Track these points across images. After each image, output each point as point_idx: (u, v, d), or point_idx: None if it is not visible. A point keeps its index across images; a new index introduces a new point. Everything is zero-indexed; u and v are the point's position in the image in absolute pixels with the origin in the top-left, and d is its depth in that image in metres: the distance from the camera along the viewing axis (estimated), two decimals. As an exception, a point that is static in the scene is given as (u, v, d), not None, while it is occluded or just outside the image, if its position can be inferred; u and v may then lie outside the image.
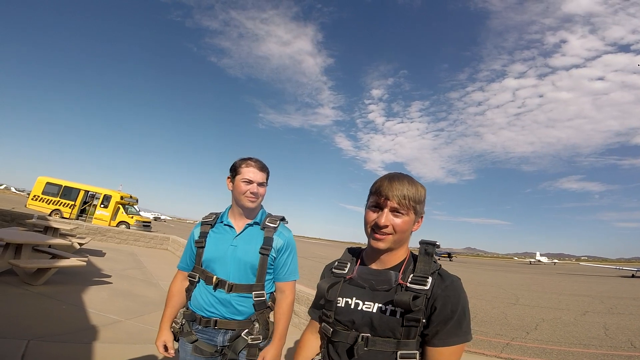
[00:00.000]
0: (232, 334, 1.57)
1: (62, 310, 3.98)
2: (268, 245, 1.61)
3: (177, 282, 1.74)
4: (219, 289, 1.57)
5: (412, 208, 1.04)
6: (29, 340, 2.88)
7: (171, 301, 1.72)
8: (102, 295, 4.87)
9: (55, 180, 21.67)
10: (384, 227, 1.03)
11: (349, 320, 1.08)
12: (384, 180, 1.07)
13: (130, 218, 21.08)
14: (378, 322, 1.02)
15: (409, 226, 1.06)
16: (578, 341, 6.39)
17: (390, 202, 1.03)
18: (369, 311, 1.05)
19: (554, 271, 44.06)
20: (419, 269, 1.04)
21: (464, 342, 0.99)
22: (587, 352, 5.65)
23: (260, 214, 1.71)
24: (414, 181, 1.07)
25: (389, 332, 1.01)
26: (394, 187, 1.03)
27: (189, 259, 1.72)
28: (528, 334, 6.86)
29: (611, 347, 6.03)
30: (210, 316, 1.57)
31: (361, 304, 1.07)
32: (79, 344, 3.08)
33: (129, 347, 3.25)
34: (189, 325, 1.63)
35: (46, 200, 20.93)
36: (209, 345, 1.59)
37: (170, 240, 13.01)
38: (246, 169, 1.62)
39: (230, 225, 1.66)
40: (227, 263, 1.59)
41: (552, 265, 72.56)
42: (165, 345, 1.65)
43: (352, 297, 1.10)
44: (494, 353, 5.27)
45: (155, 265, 8.77)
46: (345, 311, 1.09)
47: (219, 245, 1.63)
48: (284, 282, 1.67)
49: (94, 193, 22.15)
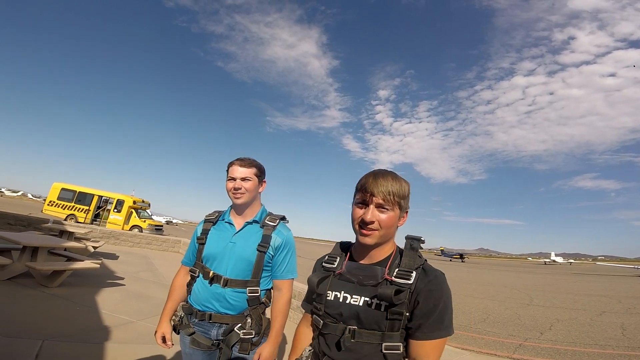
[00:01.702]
0: (226, 328, 1.62)
1: (76, 311, 4.08)
2: (266, 243, 1.65)
3: (179, 277, 1.82)
4: (214, 284, 1.62)
5: (397, 203, 1.08)
6: (43, 340, 2.96)
7: (172, 295, 1.79)
8: (115, 297, 4.97)
9: (69, 186, 22.23)
10: (370, 223, 1.07)
11: (337, 313, 1.12)
12: (369, 177, 1.10)
13: (143, 222, 21.44)
14: (364, 315, 1.06)
15: (394, 221, 1.09)
16: (594, 342, 6.23)
17: (375, 199, 1.07)
18: (356, 304, 1.08)
19: (569, 271, 43.04)
20: (404, 263, 1.07)
21: (446, 336, 1.03)
22: (603, 353, 5.51)
23: (260, 212, 1.75)
24: (398, 177, 1.11)
25: (375, 324, 1.05)
26: (379, 184, 1.07)
27: (192, 254, 1.78)
28: (542, 334, 6.72)
29: (629, 347, 5.87)
30: (205, 310, 1.63)
31: (349, 297, 1.11)
32: (91, 344, 3.15)
33: (140, 347, 3.31)
34: (187, 319, 1.69)
35: (61, 205, 21.47)
36: (205, 339, 1.64)
37: (181, 243, 13.20)
38: (231, 168, 1.71)
39: (230, 223, 1.72)
40: (225, 259, 1.64)
41: (568, 266, 70.90)
42: (163, 337, 1.71)
43: (341, 290, 1.13)
44: (506, 354, 5.19)
45: (167, 267, 8.90)
46: (334, 304, 1.13)
47: (219, 241, 1.68)
48: (281, 279, 1.71)
49: (107, 198, 22.61)
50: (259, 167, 1.74)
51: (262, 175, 1.77)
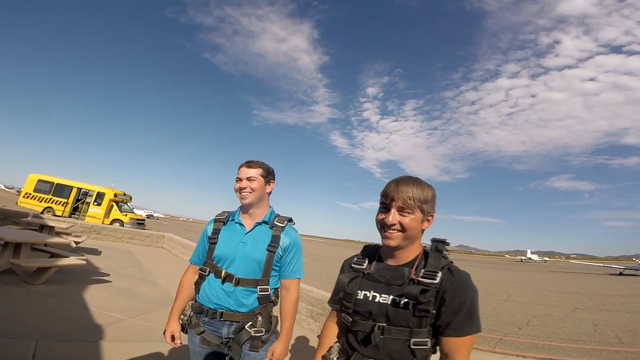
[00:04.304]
0: (237, 326, 1.65)
1: (65, 309, 4.00)
2: (275, 243, 1.70)
3: (188, 275, 1.84)
4: (227, 283, 1.66)
5: (419, 207, 1.15)
6: (37, 340, 2.90)
7: (181, 293, 1.81)
8: (103, 294, 4.88)
9: (47, 177, 21.37)
10: (391, 226, 1.15)
11: (366, 311, 1.19)
12: (391, 183, 1.19)
13: (124, 216, 20.84)
14: (392, 313, 1.14)
15: (416, 224, 1.16)
16: (568, 337, 6.60)
17: (395, 203, 1.15)
18: (385, 303, 1.16)
19: (544, 269, 44.83)
20: (430, 264, 1.15)
21: (476, 332, 1.10)
22: (577, 348, 5.85)
23: (269, 213, 1.80)
24: (421, 183, 1.19)
25: (403, 322, 1.13)
26: (400, 189, 1.15)
27: (201, 253, 1.81)
28: (520, 329, 7.05)
29: (600, 342, 6.24)
30: (217, 308, 1.66)
31: (378, 296, 1.19)
32: (86, 343, 3.11)
33: (136, 345, 3.29)
34: (197, 318, 1.71)
35: (38, 197, 20.65)
36: (215, 337, 1.67)
37: (165, 239, 12.93)
38: (239, 170, 1.76)
39: (240, 224, 1.76)
40: (237, 258, 1.68)
41: (543, 263, 73.80)
42: (172, 335, 1.73)
43: (370, 290, 1.21)
44: (488, 348, 5.43)
45: (153, 263, 8.76)
46: (363, 303, 1.21)
47: (230, 241, 1.72)
48: (289, 279, 1.76)
49: (87, 190, 21.89)
50: (265, 168, 1.78)
51: (270, 176, 1.80)
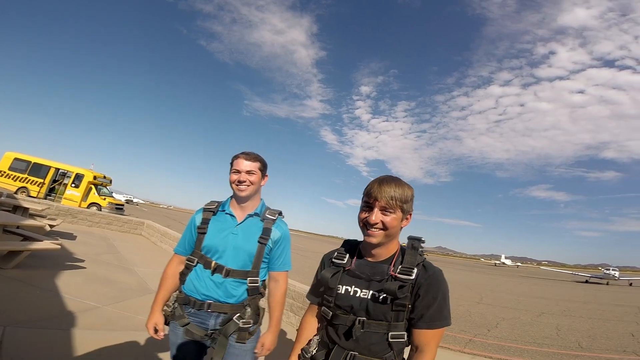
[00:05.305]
0: (224, 318, 1.66)
1: (37, 295, 3.89)
2: (266, 236, 1.72)
3: (172, 266, 1.80)
4: (216, 274, 1.65)
5: (399, 207, 1.21)
6: (4, 327, 2.81)
7: (165, 284, 1.78)
8: (76, 281, 4.76)
9: (24, 156, 20.44)
10: (374, 224, 1.21)
11: (348, 305, 1.25)
12: (374, 183, 1.25)
13: (103, 200, 20.22)
14: (372, 308, 1.21)
15: (397, 222, 1.23)
16: (533, 340, 6.91)
17: (379, 202, 1.21)
18: (365, 298, 1.23)
19: (516, 274, 46.39)
20: (406, 261, 1.23)
21: (445, 326, 1.18)
22: (540, 351, 6.13)
23: (260, 206, 1.81)
24: (401, 183, 1.24)
25: (382, 316, 1.20)
26: (383, 190, 1.20)
27: (188, 243, 1.78)
28: (489, 331, 7.33)
29: (561, 346, 6.57)
30: (205, 299, 1.65)
31: (359, 291, 1.25)
32: (57, 330, 3.05)
33: (110, 333, 3.25)
34: (182, 309, 1.69)
35: (13, 176, 19.76)
36: (200, 329, 1.66)
37: (145, 225, 12.66)
38: (235, 161, 1.75)
39: (231, 215, 1.75)
40: (227, 249, 1.68)
41: (515, 268, 76.14)
42: (155, 327, 1.70)
43: (351, 285, 1.28)
44: (458, 348, 5.64)
45: (130, 250, 8.59)
46: (345, 297, 1.27)
47: (221, 232, 1.71)
48: (278, 271, 1.80)
49: (65, 171, 21.08)
50: (262, 162, 1.80)
51: (265, 170, 1.82)
